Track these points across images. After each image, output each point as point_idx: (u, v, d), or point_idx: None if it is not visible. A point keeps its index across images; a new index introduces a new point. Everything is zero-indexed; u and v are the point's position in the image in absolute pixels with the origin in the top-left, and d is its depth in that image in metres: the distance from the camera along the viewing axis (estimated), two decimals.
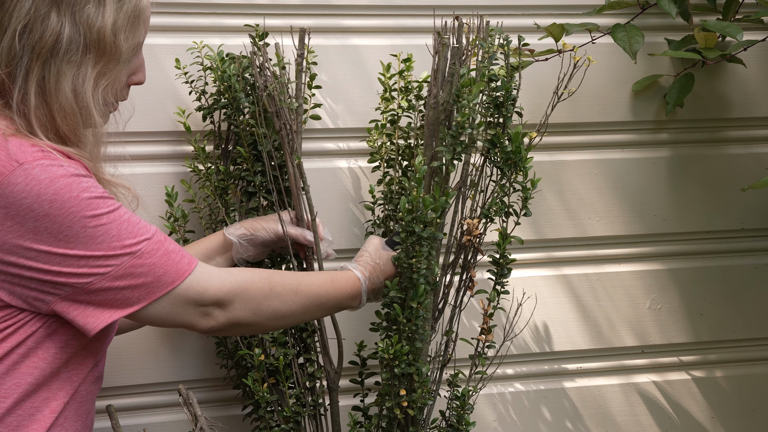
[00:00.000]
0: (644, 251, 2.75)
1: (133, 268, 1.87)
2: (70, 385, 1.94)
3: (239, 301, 1.97)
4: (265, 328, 2.08)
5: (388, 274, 2.17)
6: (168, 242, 1.91)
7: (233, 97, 2.27)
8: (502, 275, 2.31)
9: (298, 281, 2.05)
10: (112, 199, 1.88)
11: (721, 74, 2.76)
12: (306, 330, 2.32)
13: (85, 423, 1.98)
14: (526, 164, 2.26)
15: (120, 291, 1.87)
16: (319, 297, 2.07)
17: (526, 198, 2.28)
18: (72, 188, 1.83)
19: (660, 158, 2.74)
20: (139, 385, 2.42)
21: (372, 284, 2.16)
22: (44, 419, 1.91)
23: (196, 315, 1.94)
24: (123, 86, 1.97)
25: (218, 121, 2.35)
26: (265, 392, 2.25)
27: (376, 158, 2.35)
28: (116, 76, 1.92)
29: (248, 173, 2.31)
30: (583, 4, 2.65)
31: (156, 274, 1.89)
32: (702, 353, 2.80)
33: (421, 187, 2.10)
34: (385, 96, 2.32)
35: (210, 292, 1.94)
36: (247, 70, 2.27)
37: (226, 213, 2.31)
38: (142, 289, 1.88)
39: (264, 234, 2.26)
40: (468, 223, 2.25)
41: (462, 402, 2.29)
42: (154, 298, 1.89)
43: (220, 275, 1.96)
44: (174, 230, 2.33)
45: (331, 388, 2.34)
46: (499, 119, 2.28)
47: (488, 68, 2.24)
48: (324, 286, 2.09)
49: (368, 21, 2.52)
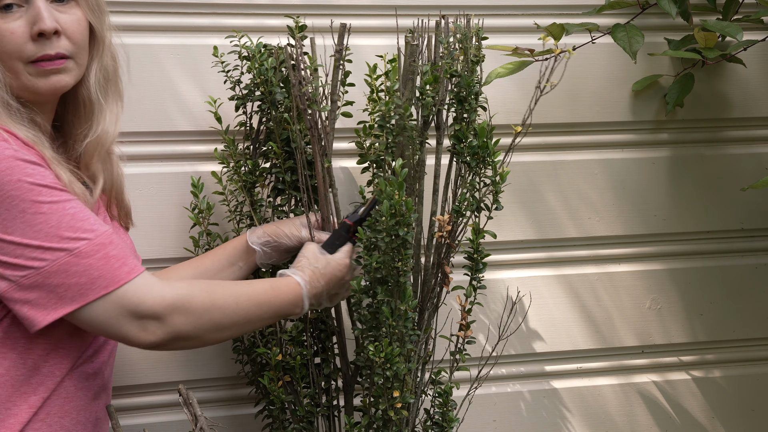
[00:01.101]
0: (644, 251, 2.75)
1: (68, 266, 1.85)
2: (52, 380, 1.93)
3: (179, 315, 1.93)
4: (207, 342, 2.03)
5: (328, 278, 2.13)
6: (112, 247, 1.88)
7: (269, 91, 2.25)
8: (477, 270, 2.32)
9: (239, 292, 2.03)
10: (63, 192, 1.87)
11: (721, 74, 2.76)
12: (324, 331, 2.31)
13: (76, 420, 1.97)
14: (494, 158, 2.27)
15: (54, 289, 1.85)
16: (261, 306, 2.04)
17: (497, 192, 2.28)
18: (14, 171, 1.82)
19: (660, 158, 2.74)
20: (139, 385, 2.42)
21: (313, 288, 2.11)
22: (21, 413, 1.91)
23: (134, 328, 1.91)
24: (20, 40, 1.93)
25: (250, 112, 2.34)
26: (280, 392, 2.25)
27: (365, 159, 2.35)
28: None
29: (279, 170, 2.30)
30: (583, 4, 2.65)
31: (91, 275, 1.86)
32: (702, 353, 2.80)
33: (402, 191, 2.11)
34: (371, 97, 2.32)
35: (147, 304, 1.90)
36: (283, 64, 2.26)
37: (253, 209, 2.30)
38: (75, 290, 1.86)
39: (287, 241, 2.24)
40: (438, 220, 2.26)
41: (445, 399, 2.30)
42: (88, 301, 1.87)
43: (161, 288, 1.93)
44: (198, 222, 2.32)
45: (347, 391, 2.32)
46: (463, 114, 2.29)
47: (450, 64, 2.26)
48: (265, 294, 2.06)
49: (362, 21, 2.52)
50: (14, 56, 1.94)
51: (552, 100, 2.52)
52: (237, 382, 2.43)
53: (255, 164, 2.31)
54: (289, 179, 2.29)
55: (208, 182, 2.35)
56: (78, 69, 2.00)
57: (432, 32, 2.28)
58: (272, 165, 2.31)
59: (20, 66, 1.95)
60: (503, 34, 2.56)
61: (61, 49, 1.96)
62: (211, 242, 2.33)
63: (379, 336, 2.17)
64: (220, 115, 2.32)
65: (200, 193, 2.31)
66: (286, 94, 2.26)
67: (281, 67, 2.25)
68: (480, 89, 2.30)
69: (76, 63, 1.99)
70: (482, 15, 2.36)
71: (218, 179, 2.33)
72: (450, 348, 2.36)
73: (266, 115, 2.30)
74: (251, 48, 2.27)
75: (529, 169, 2.65)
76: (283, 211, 2.32)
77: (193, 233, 2.34)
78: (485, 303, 2.60)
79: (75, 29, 1.98)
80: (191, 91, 2.42)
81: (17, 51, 1.94)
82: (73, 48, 1.98)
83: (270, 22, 2.44)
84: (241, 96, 2.31)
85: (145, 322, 1.91)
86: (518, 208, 2.64)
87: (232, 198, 2.34)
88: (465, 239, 2.32)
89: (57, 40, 1.95)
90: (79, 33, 1.98)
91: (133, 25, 2.38)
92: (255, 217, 2.30)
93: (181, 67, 2.41)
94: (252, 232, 2.25)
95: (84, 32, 2.00)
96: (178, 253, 2.37)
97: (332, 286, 2.15)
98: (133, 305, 1.89)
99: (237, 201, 2.33)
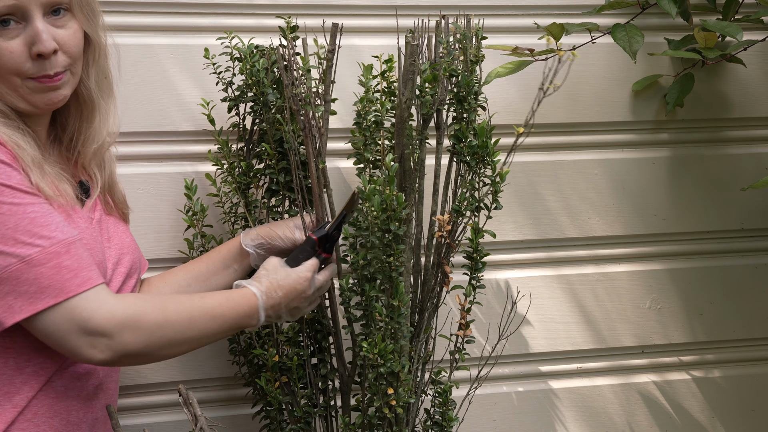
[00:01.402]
0: (644, 251, 2.75)
1: (19, 273, 1.83)
2: (37, 380, 1.92)
3: (129, 333, 1.90)
4: (161, 357, 2.00)
5: (286, 290, 2.09)
6: (68, 257, 1.86)
7: (261, 92, 2.25)
8: (477, 270, 2.32)
9: (192, 307, 1.99)
10: (27, 195, 1.86)
11: (721, 74, 2.76)
12: (321, 331, 2.31)
13: (67, 420, 1.97)
14: (493, 158, 2.27)
15: (3, 296, 1.84)
16: (215, 319, 2.01)
17: (496, 191, 2.28)
18: None
19: (660, 158, 2.74)
20: (139, 385, 2.42)
21: (270, 299, 2.07)
22: (6, 413, 1.90)
23: (84, 344, 1.87)
24: (19, 59, 1.93)
25: (243, 113, 2.34)
26: (277, 393, 2.25)
27: (361, 159, 2.35)
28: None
29: (273, 171, 2.29)
30: (583, 4, 2.65)
31: (41, 284, 1.84)
32: (702, 353, 2.80)
33: (393, 186, 2.11)
34: (367, 97, 2.32)
35: (95, 321, 1.87)
36: (275, 64, 2.26)
37: (248, 210, 2.30)
38: (24, 298, 1.84)
39: (281, 243, 2.22)
40: (438, 220, 2.26)
41: (444, 399, 2.29)
42: (37, 310, 1.84)
43: (113, 306, 1.89)
44: (192, 224, 2.32)
45: (344, 391, 2.31)
46: (463, 114, 2.29)
47: (449, 63, 2.26)
48: (219, 308, 2.02)
49: (362, 21, 2.52)
50: (12, 72, 1.94)
51: (552, 100, 2.51)
52: (236, 383, 2.43)
53: (249, 165, 2.31)
54: (283, 180, 2.29)
55: (202, 184, 2.35)
56: (74, 78, 2.00)
57: (432, 32, 2.28)
58: (266, 166, 2.31)
59: (18, 81, 1.95)
60: (503, 34, 2.56)
61: (59, 67, 1.96)
62: (206, 244, 2.32)
63: (370, 333, 2.17)
64: (213, 117, 2.32)
65: (194, 195, 2.31)
66: (278, 95, 2.25)
67: (273, 68, 2.25)
68: (480, 89, 2.30)
69: (72, 73, 1.99)
70: (482, 15, 2.36)
71: (212, 181, 2.32)
72: (450, 348, 2.37)
73: (259, 116, 2.30)
74: (242, 49, 2.27)
75: (528, 169, 2.65)
76: (277, 212, 2.32)
77: (188, 235, 2.33)
78: (485, 303, 2.60)
79: (72, 43, 1.97)
80: (188, 90, 2.41)
81: (16, 69, 1.94)
82: (70, 61, 1.98)
83: (268, 22, 2.43)
84: (234, 97, 2.31)
85: (94, 339, 1.87)
86: (518, 208, 2.64)
87: (226, 200, 2.34)
88: (465, 239, 2.32)
89: (55, 57, 1.95)
90: (75, 46, 1.98)
91: (130, 25, 2.38)
92: (250, 219, 2.30)
93: (178, 67, 2.41)
94: (246, 234, 2.24)
95: (80, 44, 2.00)
96: (175, 254, 2.37)
97: (291, 299, 2.11)
98: (82, 319, 1.86)
99: (231, 202, 2.33)
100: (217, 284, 2.23)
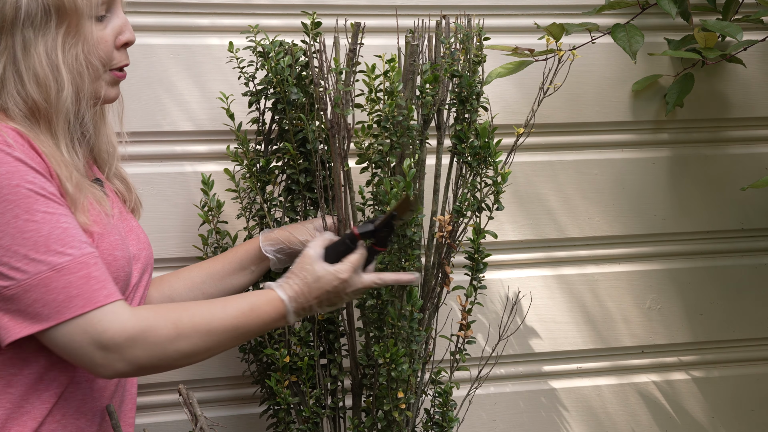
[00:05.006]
0: (644, 251, 2.75)
1: (49, 281, 1.82)
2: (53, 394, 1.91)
3: (138, 348, 1.87)
4: (179, 366, 1.96)
5: (318, 292, 2.03)
6: (95, 268, 1.85)
7: (284, 90, 2.23)
8: (478, 270, 2.31)
9: (210, 318, 1.94)
10: (60, 206, 1.85)
11: (721, 74, 2.76)
12: (333, 332, 2.30)
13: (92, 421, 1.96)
14: (495, 158, 2.27)
15: (31, 304, 1.82)
16: (237, 329, 1.96)
17: (498, 192, 2.28)
18: (14, 176, 1.81)
19: (660, 158, 2.74)
20: (139, 385, 2.42)
21: (299, 305, 2.01)
22: (35, 411, 1.89)
23: (98, 357, 1.85)
24: (110, 48, 1.95)
25: (263, 110, 2.34)
26: (287, 394, 2.24)
27: (364, 159, 2.35)
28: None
29: (294, 171, 2.28)
30: (583, 4, 2.65)
31: (69, 294, 1.83)
32: (702, 353, 2.80)
33: (411, 191, 2.10)
34: (370, 97, 2.32)
35: (108, 334, 1.84)
36: (299, 62, 2.24)
37: (267, 209, 2.29)
38: (51, 307, 1.82)
39: (300, 248, 2.17)
40: (439, 220, 2.26)
41: (445, 399, 2.30)
42: (63, 319, 1.83)
43: (126, 319, 1.86)
44: (207, 220, 2.31)
45: (356, 393, 2.30)
46: (464, 114, 2.29)
47: (451, 63, 2.26)
48: (241, 317, 1.96)
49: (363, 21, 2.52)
50: (103, 62, 1.95)
51: (552, 100, 2.52)
52: (238, 382, 2.43)
53: (267, 162, 2.30)
54: (304, 181, 2.27)
55: (215, 181, 2.35)
56: None
57: (432, 32, 2.28)
58: (284, 164, 2.30)
59: (102, 71, 1.96)
60: (503, 34, 2.56)
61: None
62: (220, 240, 2.32)
63: (383, 336, 2.17)
64: (233, 112, 2.31)
65: (210, 190, 2.30)
66: (302, 93, 2.24)
67: (297, 65, 2.24)
68: (481, 89, 2.30)
69: None
70: (482, 15, 2.36)
71: (231, 176, 2.31)
72: (450, 348, 2.37)
73: (280, 114, 2.29)
74: (267, 45, 2.26)
75: (529, 169, 2.65)
76: (294, 210, 2.31)
77: (202, 231, 2.33)
78: (485, 303, 2.60)
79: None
80: (193, 91, 2.42)
81: (107, 58, 1.96)
82: None
83: (270, 23, 2.43)
84: (255, 92, 2.30)
85: (106, 353, 1.86)
86: (518, 208, 2.65)
87: (244, 196, 2.33)
88: (465, 239, 2.32)
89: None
90: None
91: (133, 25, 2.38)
92: (267, 216, 2.29)
93: (183, 67, 2.41)
94: (265, 237, 2.23)
95: None
96: (179, 254, 2.37)
97: (324, 299, 2.05)
98: (97, 333, 1.84)
99: (249, 199, 2.32)
100: (233, 284, 2.22)
